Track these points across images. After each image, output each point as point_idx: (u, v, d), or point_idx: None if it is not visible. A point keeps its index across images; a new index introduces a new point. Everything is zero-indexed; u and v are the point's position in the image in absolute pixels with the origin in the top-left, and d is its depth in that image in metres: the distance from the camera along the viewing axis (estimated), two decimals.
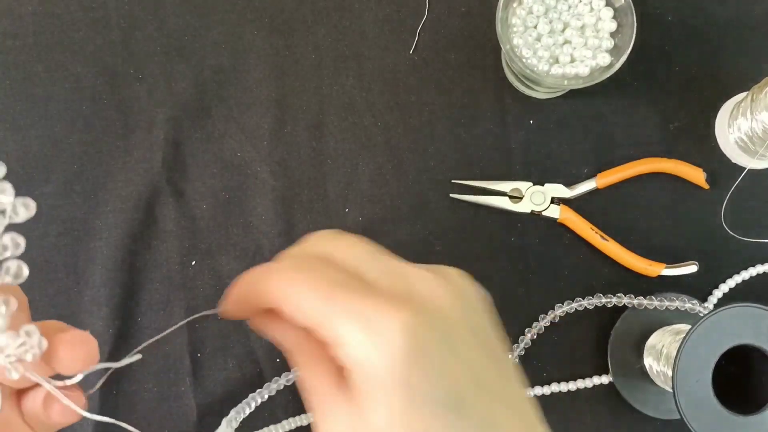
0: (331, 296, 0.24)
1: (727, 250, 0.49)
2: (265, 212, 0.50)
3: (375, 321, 0.23)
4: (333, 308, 0.24)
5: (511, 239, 0.50)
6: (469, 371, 0.24)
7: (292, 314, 0.25)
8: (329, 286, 0.24)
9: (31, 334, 0.22)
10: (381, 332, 0.23)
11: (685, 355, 0.38)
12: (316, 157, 0.51)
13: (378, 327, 0.23)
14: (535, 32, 0.47)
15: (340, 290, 0.24)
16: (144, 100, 0.51)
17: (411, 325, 0.23)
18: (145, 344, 0.28)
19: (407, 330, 0.23)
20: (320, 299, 0.24)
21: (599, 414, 0.48)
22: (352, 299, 0.24)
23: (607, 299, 0.48)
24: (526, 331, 0.49)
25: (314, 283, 0.24)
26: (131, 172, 0.50)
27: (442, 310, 0.25)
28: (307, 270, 0.25)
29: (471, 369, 0.24)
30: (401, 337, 0.23)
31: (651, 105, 0.51)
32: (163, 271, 0.49)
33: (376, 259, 0.26)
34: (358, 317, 0.23)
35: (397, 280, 0.25)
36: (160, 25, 0.52)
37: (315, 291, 0.24)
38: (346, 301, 0.24)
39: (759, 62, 0.51)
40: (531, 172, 0.50)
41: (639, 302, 0.47)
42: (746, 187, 0.48)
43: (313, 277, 0.25)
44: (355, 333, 0.23)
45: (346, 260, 0.26)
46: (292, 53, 0.52)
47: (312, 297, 0.24)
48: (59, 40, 0.51)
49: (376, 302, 0.24)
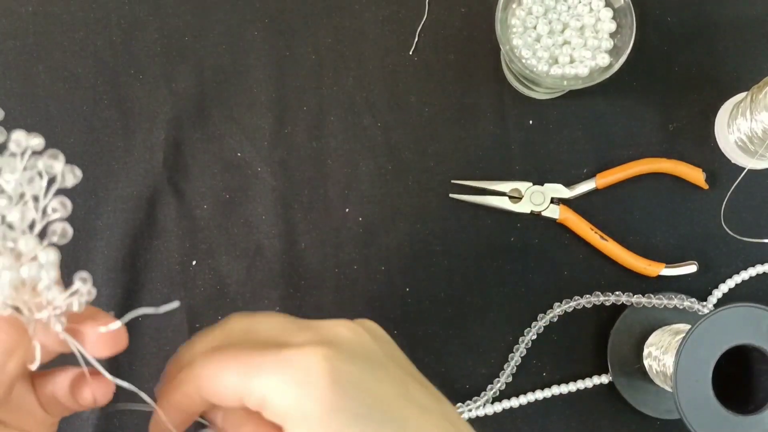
0: (248, 361, 0.25)
1: (726, 251, 0.49)
2: (266, 212, 0.50)
3: (296, 368, 0.24)
4: (252, 372, 0.24)
5: (511, 239, 0.50)
6: (393, 389, 0.25)
7: (221, 393, 0.25)
8: (245, 353, 0.25)
9: (86, 281, 0.24)
10: (305, 376, 0.24)
11: (685, 354, 0.38)
12: (316, 157, 0.51)
13: (300, 372, 0.24)
14: (534, 33, 0.47)
15: (259, 354, 0.25)
16: (144, 100, 0.51)
17: (329, 357, 0.24)
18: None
19: (327, 362, 0.24)
20: (239, 368, 0.25)
21: (599, 414, 0.49)
22: (272, 358, 0.24)
23: (605, 297, 0.48)
24: (525, 332, 0.49)
25: (229, 356, 0.25)
26: (132, 172, 0.50)
27: (356, 344, 0.26)
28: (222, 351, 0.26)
29: (393, 383, 0.25)
30: (322, 372, 0.24)
31: (650, 105, 0.51)
32: (163, 271, 0.49)
33: (287, 323, 0.27)
34: (281, 371, 0.24)
35: (312, 332, 0.26)
36: (160, 26, 0.52)
37: (232, 363, 0.25)
38: (266, 362, 0.24)
39: (759, 62, 0.51)
40: (530, 172, 0.50)
41: (638, 300, 0.47)
42: (746, 187, 0.48)
43: (230, 354, 0.25)
44: (278, 384, 0.24)
45: (262, 331, 0.27)
46: (292, 53, 0.52)
47: (231, 369, 0.25)
48: (59, 40, 0.51)
49: (294, 352, 0.24)
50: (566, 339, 0.49)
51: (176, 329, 0.49)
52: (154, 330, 0.49)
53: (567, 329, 0.49)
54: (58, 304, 0.24)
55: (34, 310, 0.24)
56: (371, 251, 0.50)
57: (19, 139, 0.24)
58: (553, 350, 0.49)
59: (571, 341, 0.49)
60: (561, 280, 0.49)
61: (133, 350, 0.49)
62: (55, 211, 0.24)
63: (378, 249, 0.50)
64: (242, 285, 0.49)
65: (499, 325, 0.49)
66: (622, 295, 0.48)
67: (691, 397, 0.38)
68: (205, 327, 0.49)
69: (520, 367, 0.48)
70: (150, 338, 0.49)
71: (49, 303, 0.24)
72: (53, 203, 0.24)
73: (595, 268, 0.50)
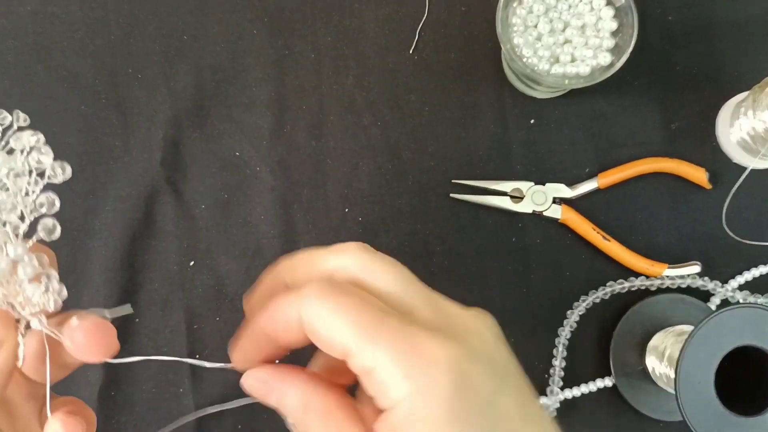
0: (371, 325, 0.22)
1: (729, 251, 0.49)
2: (265, 212, 0.50)
3: (418, 356, 0.22)
4: (372, 338, 0.22)
5: (512, 239, 0.50)
6: (514, 404, 0.23)
7: (326, 340, 0.23)
8: (369, 312, 0.23)
9: (51, 278, 0.24)
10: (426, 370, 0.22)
11: (688, 355, 0.38)
12: (316, 157, 0.50)
13: (422, 363, 0.22)
14: (535, 32, 0.47)
15: (380, 318, 0.23)
16: (143, 99, 0.51)
17: (456, 360, 0.22)
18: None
19: (453, 366, 0.22)
20: (359, 327, 0.22)
21: (601, 415, 0.48)
22: (394, 330, 0.22)
23: (619, 285, 0.48)
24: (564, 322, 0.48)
25: (353, 309, 0.23)
26: (130, 171, 0.50)
27: (485, 344, 0.24)
28: (343, 294, 0.23)
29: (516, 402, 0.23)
30: (447, 374, 0.22)
31: (652, 104, 0.51)
32: (161, 271, 0.49)
33: (414, 287, 0.25)
34: (400, 351, 0.22)
35: (437, 313, 0.24)
36: (159, 25, 0.52)
37: (354, 317, 0.23)
38: (386, 332, 0.22)
39: (760, 61, 0.51)
40: (532, 172, 0.50)
41: (651, 283, 0.48)
42: (748, 187, 0.48)
43: (352, 302, 0.23)
44: (395, 367, 0.22)
45: (382, 285, 0.25)
46: (292, 53, 0.52)
47: (350, 323, 0.22)
48: (59, 39, 0.51)
49: (419, 335, 0.22)
50: (568, 340, 0.49)
51: (174, 330, 0.49)
52: (152, 331, 0.49)
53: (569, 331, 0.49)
54: (36, 301, 0.24)
55: (17, 307, 0.24)
56: None
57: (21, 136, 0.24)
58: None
59: (574, 342, 0.49)
60: (563, 280, 0.49)
61: (132, 351, 0.48)
62: (42, 207, 0.24)
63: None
64: (241, 285, 0.49)
65: (500, 326, 0.49)
66: (635, 280, 0.48)
67: (693, 399, 0.38)
68: (203, 327, 0.49)
69: None
70: (148, 338, 0.49)
71: (28, 300, 0.24)
72: (40, 199, 0.24)
73: (598, 269, 0.49)
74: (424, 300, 0.25)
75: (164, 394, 0.49)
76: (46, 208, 0.24)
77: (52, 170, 0.24)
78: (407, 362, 0.22)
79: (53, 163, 0.24)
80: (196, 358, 0.49)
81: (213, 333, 0.49)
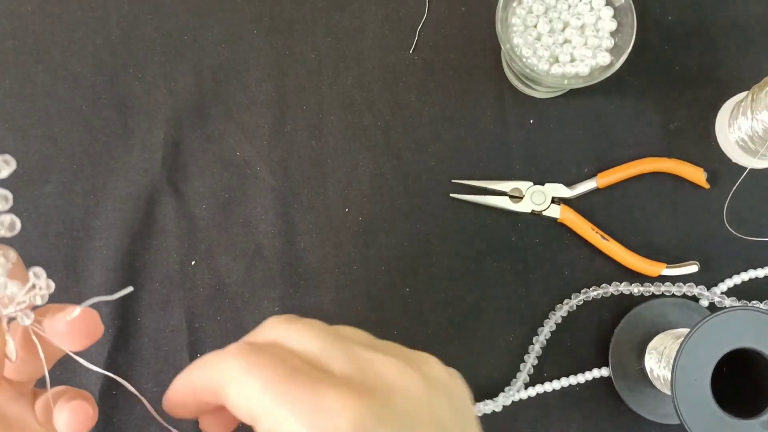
0: (279, 384, 0.22)
1: (727, 251, 0.49)
2: (265, 212, 0.50)
3: (321, 414, 0.21)
4: (278, 398, 0.22)
5: (512, 239, 0.50)
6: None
7: (233, 404, 0.23)
8: (279, 371, 0.22)
9: (39, 276, 0.23)
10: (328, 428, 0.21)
11: (685, 355, 0.38)
12: (316, 156, 0.51)
13: (324, 422, 0.21)
14: (534, 31, 0.47)
15: (289, 376, 0.22)
16: (143, 99, 0.51)
17: (360, 419, 0.21)
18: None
19: (355, 424, 0.21)
20: (267, 386, 0.22)
21: (597, 415, 0.48)
22: (301, 387, 0.22)
23: (614, 288, 0.48)
24: (539, 330, 0.49)
25: (264, 367, 0.22)
26: (131, 171, 0.50)
27: (405, 403, 0.23)
28: (256, 354, 0.23)
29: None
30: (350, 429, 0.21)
31: (651, 104, 0.51)
32: (162, 270, 0.49)
33: (337, 344, 0.24)
34: (304, 411, 0.21)
35: (356, 367, 0.23)
36: (159, 25, 0.52)
37: (264, 376, 0.22)
38: (292, 389, 0.22)
39: (759, 62, 0.51)
40: (531, 172, 0.50)
41: (647, 289, 0.48)
42: (746, 186, 0.48)
43: (263, 361, 0.23)
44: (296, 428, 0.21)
45: (299, 346, 0.24)
46: (292, 53, 0.52)
47: (258, 384, 0.22)
48: (59, 39, 0.51)
49: (326, 392, 0.22)
50: (567, 340, 0.49)
51: (175, 329, 0.49)
52: (153, 330, 0.49)
53: (568, 331, 0.49)
54: (20, 299, 0.23)
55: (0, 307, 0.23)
56: (371, 251, 0.50)
57: None
58: (554, 351, 0.49)
59: (572, 343, 0.49)
60: (562, 280, 0.49)
61: (132, 350, 0.49)
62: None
63: (378, 249, 0.50)
64: (241, 285, 0.49)
65: (499, 326, 0.49)
66: (630, 285, 0.48)
67: (689, 398, 0.38)
68: (204, 327, 0.49)
69: (519, 370, 0.48)
70: (149, 338, 0.49)
71: (11, 299, 0.23)
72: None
73: (596, 268, 0.49)
74: (344, 356, 0.24)
75: (164, 393, 0.49)
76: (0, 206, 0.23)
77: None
78: (310, 422, 0.21)
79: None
80: (198, 357, 0.49)
81: (213, 332, 0.49)
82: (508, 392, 0.47)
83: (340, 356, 0.24)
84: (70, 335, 0.24)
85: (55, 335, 0.24)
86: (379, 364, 0.23)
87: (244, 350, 0.23)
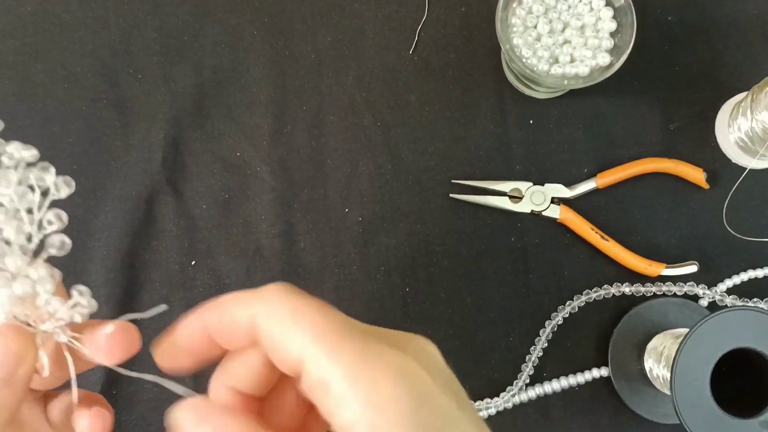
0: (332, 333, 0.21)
1: (727, 251, 0.49)
2: (265, 212, 0.50)
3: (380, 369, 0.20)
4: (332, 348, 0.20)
5: (511, 239, 0.50)
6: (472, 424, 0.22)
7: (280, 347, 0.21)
8: (331, 320, 0.21)
9: (83, 293, 0.24)
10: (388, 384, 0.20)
11: (685, 355, 0.38)
12: (316, 157, 0.51)
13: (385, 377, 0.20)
14: (534, 32, 0.47)
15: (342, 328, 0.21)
16: (143, 99, 0.51)
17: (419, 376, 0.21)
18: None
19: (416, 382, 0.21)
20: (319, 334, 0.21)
21: (597, 415, 0.48)
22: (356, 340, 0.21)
23: (616, 288, 0.48)
24: (541, 332, 0.49)
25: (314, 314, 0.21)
26: (130, 171, 0.50)
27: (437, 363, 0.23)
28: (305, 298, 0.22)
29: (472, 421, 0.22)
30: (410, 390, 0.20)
31: (651, 105, 0.51)
32: (162, 270, 0.49)
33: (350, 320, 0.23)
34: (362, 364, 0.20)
35: (385, 334, 0.23)
36: (159, 25, 0.52)
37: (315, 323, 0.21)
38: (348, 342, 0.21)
39: (759, 62, 0.51)
40: (531, 172, 0.50)
41: (648, 289, 0.48)
42: (746, 187, 0.48)
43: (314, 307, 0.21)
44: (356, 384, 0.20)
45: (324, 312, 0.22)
46: (291, 53, 0.52)
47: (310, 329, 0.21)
48: (58, 39, 0.51)
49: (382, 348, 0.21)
50: (567, 341, 0.49)
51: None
52: (154, 330, 0.49)
53: (568, 331, 0.49)
54: (61, 316, 0.24)
55: (38, 322, 0.24)
56: (371, 251, 0.50)
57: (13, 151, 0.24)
58: (554, 352, 0.49)
59: (572, 343, 0.49)
60: (561, 280, 0.49)
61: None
62: (51, 224, 0.24)
63: (378, 249, 0.50)
64: (242, 285, 0.49)
65: (499, 326, 0.49)
66: (632, 286, 0.48)
67: (688, 397, 0.38)
68: None
69: (519, 370, 0.48)
70: (149, 338, 0.49)
71: (51, 315, 0.24)
72: (48, 216, 0.24)
73: (596, 268, 0.49)
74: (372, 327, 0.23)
75: (165, 393, 0.49)
76: (56, 225, 0.24)
77: (55, 187, 0.24)
78: (369, 377, 0.20)
79: (56, 179, 0.24)
80: None
81: None
82: (510, 392, 0.48)
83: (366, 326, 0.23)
84: (109, 350, 0.24)
85: (93, 350, 0.24)
86: (407, 336, 0.23)
87: (289, 292, 0.22)
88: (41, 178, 0.24)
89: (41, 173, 0.24)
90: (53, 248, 0.24)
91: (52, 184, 0.24)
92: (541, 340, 0.48)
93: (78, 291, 0.24)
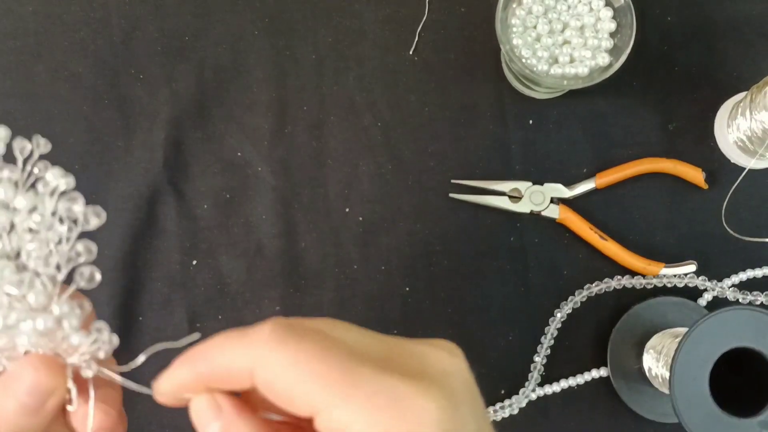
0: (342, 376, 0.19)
1: (725, 250, 0.49)
2: (266, 212, 0.50)
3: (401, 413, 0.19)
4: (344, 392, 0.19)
5: (511, 239, 0.50)
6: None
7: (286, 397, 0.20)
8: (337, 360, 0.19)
9: (102, 331, 0.23)
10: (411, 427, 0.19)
11: (684, 354, 0.38)
12: (316, 157, 0.51)
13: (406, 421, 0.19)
14: (534, 32, 0.47)
15: (352, 368, 0.19)
16: (144, 100, 0.51)
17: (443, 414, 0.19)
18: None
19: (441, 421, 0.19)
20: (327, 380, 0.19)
21: (596, 415, 0.49)
22: (369, 381, 0.19)
23: (617, 282, 0.48)
24: (545, 329, 0.49)
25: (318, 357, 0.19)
26: (132, 171, 0.50)
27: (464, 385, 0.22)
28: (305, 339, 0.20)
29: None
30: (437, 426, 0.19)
31: (650, 105, 0.51)
32: (163, 270, 0.49)
33: (372, 333, 0.21)
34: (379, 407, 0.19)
35: (408, 356, 0.21)
36: (160, 25, 0.52)
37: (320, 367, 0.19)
38: (360, 384, 0.19)
39: (758, 62, 0.51)
40: (530, 172, 0.50)
41: (648, 281, 0.48)
42: (745, 187, 0.48)
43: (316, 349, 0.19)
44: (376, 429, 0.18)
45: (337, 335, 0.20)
46: (292, 53, 0.52)
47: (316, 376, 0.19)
48: (60, 40, 0.52)
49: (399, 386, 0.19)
50: (566, 341, 0.49)
51: (176, 329, 0.49)
52: (154, 330, 0.49)
53: (567, 331, 0.49)
54: (84, 350, 0.23)
55: (64, 355, 0.24)
56: (371, 251, 0.50)
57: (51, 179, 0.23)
58: (553, 352, 0.49)
59: (571, 343, 0.49)
60: (561, 279, 0.50)
61: (134, 350, 0.48)
62: (80, 256, 0.23)
63: (378, 249, 0.50)
64: (242, 285, 0.49)
65: (498, 325, 0.49)
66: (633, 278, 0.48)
67: (687, 397, 0.38)
68: (205, 327, 0.49)
69: (519, 370, 0.49)
70: (150, 338, 0.49)
71: (75, 349, 0.23)
72: (78, 247, 0.23)
73: (595, 268, 0.50)
74: (387, 344, 0.21)
75: None
76: (84, 257, 0.23)
77: (84, 218, 0.23)
78: (388, 421, 0.19)
79: (85, 209, 0.24)
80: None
81: (215, 332, 0.49)
82: (524, 394, 0.48)
83: (384, 345, 0.21)
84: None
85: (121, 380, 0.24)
86: (425, 349, 0.22)
87: (285, 334, 0.20)
88: (69, 209, 0.23)
89: (69, 204, 0.23)
90: (83, 280, 0.23)
91: (81, 215, 0.23)
92: (547, 338, 0.48)
93: (96, 328, 0.23)
